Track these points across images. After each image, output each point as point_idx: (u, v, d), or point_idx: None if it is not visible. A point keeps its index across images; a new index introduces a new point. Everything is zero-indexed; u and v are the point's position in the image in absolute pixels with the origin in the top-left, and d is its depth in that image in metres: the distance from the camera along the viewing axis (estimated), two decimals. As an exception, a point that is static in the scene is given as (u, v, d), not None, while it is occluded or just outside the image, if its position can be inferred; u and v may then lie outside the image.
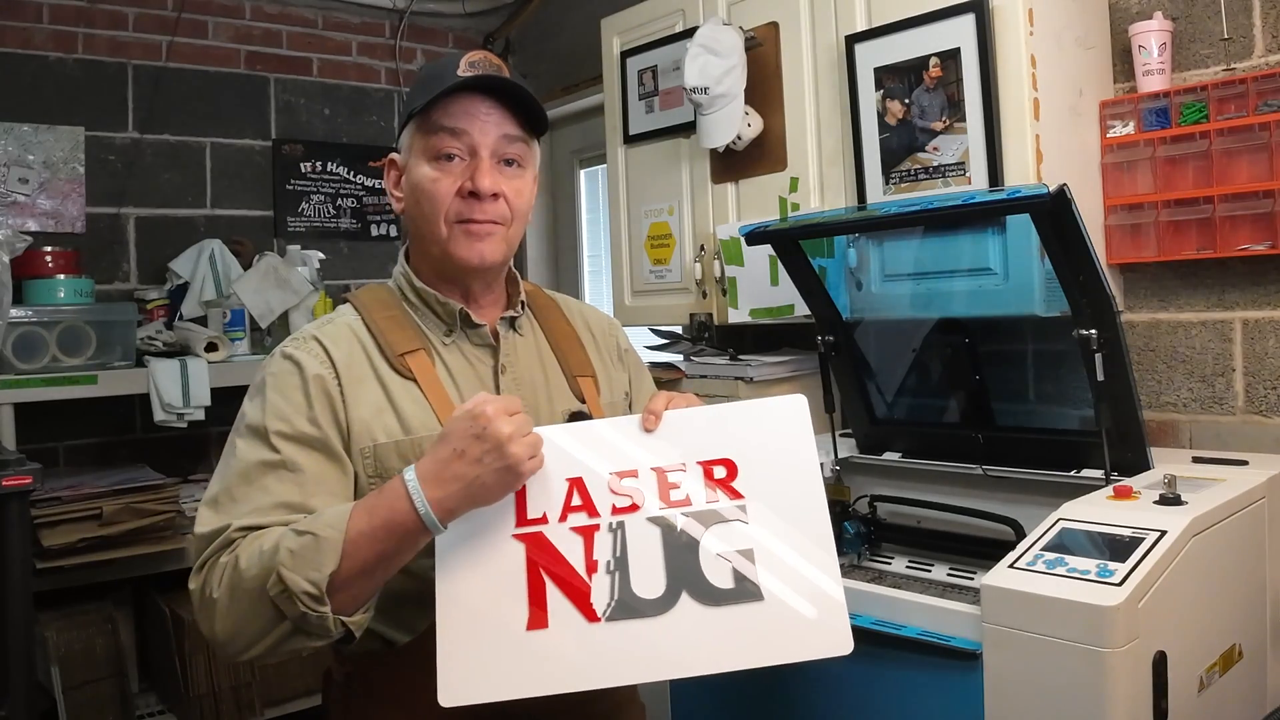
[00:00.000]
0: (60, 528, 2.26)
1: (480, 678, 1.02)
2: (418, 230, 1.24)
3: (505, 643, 1.04)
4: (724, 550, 1.09)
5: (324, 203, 3.35)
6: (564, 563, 1.07)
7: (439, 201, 1.20)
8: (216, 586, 1.05)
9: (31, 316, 2.42)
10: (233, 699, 2.46)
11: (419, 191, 1.21)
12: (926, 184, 1.86)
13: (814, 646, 1.06)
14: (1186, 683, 1.27)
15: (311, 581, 1.00)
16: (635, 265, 2.55)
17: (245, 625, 1.04)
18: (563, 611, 1.05)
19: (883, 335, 1.99)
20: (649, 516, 1.10)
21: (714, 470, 1.13)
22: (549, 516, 1.09)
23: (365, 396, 1.17)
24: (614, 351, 1.41)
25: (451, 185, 1.19)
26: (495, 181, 1.20)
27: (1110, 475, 1.56)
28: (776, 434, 1.15)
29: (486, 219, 1.20)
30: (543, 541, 1.08)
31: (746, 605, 1.06)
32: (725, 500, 1.11)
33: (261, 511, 1.09)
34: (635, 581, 1.07)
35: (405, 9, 3.44)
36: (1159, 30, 1.79)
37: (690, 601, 1.06)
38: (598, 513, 1.10)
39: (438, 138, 1.19)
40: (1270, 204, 1.64)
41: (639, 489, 1.11)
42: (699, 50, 2.10)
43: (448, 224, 1.20)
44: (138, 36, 3.00)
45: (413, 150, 1.23)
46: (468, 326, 1.25)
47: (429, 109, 1.19)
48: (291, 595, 1.00)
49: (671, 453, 1.13)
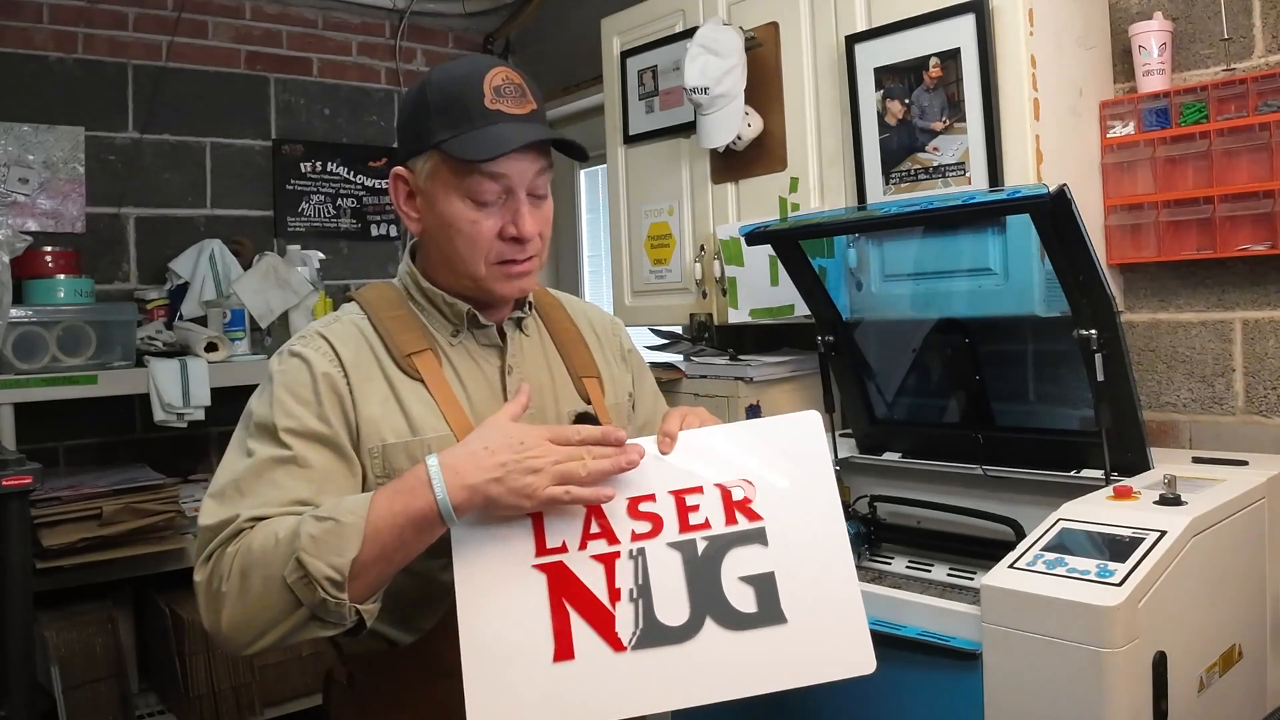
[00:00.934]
0: (60, 528, 2.26)
1: (510, 713, 1.02)
2: (449, 261, 1.21)
3: (533, 676, 1.03)
4: (746, 574, 1.09)
5: (324, 203, 3.35)
6: (587, 592, 1.07)
7: (480, 243, 1.17)
8: (226, 576, 1.04)
9: (31, 316, 2.42)
10: (233, 699, 2.46)
11: (454, 230, 1.17)
12: (926, 184, 1.86)
13: (838, 667, 1.07)
14: (1186, 683, 1.27)
15: (334, 567, 1.00)
16: (635, 265, 2.55)
17: (257, 614, 1.03)
18: (588, 642, 1.05)
19: (883, 335, 1.99)
20: (669, 542, 1.10)
21: (732, 492, 1.13)
22: (569, 545, 1.09)
23: (374, 395, 1.17)
24: (617, 352, 1.41)
25: (493, 228, 1.16)
26: (536, 223, 1.18)
27: (1110, 475, 1.56)
28: (792, 452, 1.15)
29: (527, 257, 1.19)
30: (564, 571, 1.08)
31: (770, 629, 1.07)
32: (744, 523, 1.11)
33: (271, 505, 1.08)
34: (659, 608, 1.07)
35: (405, 9, 3.44)
36: (1159, 30, 1.79)
37: (715, 627, 1.06)
38: (618, 539, 1.09)
39: (474, 180, 1.14)
40: (1270, 204, 1.64)
41: (657, 513, 1.11)
42: (699, 50, 2.10)
43: (488, 265, 1.18)
44: (138, 36, 3.00)
45: (437, 180, 1.17)
46: (474, 327, 1.25)
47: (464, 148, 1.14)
48: (312, 581, 0.99)
49: (688, 475, 1.13)
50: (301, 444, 1.12)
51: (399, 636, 1.17)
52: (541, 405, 1.26)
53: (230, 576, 1.04)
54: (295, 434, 1.12)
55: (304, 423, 1.13)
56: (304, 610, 1.01)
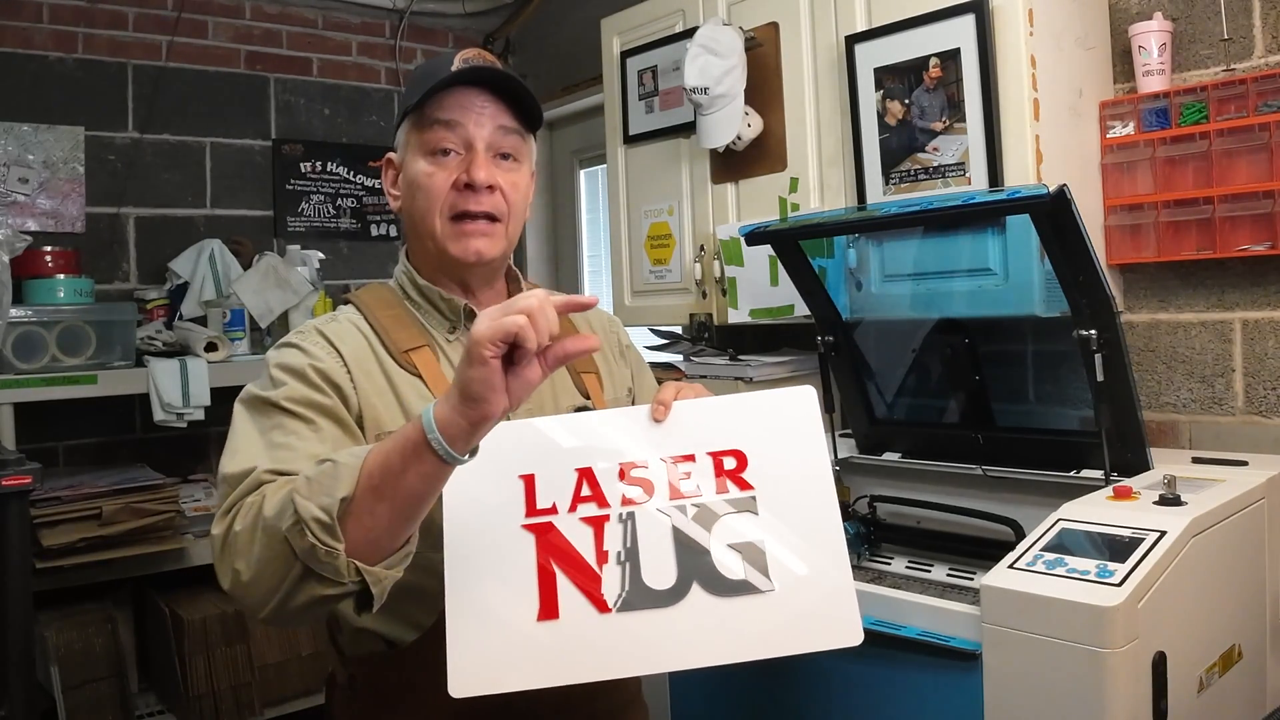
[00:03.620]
0: (60, 527, 2.26)
1: (491, 669, 1.02)
2: (414, 226, 1.24)
3: (516, 634, 1.03)
4: (734, 541, 1.08)
5: (324, 203, 3.35)
6: (574, 553, 1.07)
7: (434, 195, 1.20)
8: (239, 528, 1.00)
9: (31, 316, 2.42)
10: (232, 699, 2.46)
11: (414, 186, 1.21)
12: (926, 184, 1.86)
13: (825, 637, 1.06)
14: (1186, 683, 1.27)
15: (322, 508, 0.94)
16: (635, 265, 2.55)
17: (263, 568, 0.98)
18: (573, 602, 1.04)
19: (882, 335, 1.99)
20: (659, 507, 1.10)
21: (724, 461, 1.12)
22: (559, 507, 1.09)
23: (374, 387, 1.17)
24: (615, 348, 1.42)
25: (447, 179, 1.19)
26: (491, 174, 1.19)
27: (1110, 476, 1.56)
28: (786, 426, 1.15)
29: (482, 210, 1.20)
30: (553, 532, 1.08)
31: (757, 596, 1.06)
32: (735, 491, 1.11)
33: (290, 462, 1.06)
34: (646, 572, 1.06)
35: (405, 9, 3.44)
36: (1159, 31, 1.79)
37: (701, 592, 1.06)
38: (608, 503, 1.09)
39: (432, 132, 1.19)
40: (1270, 204, 1.64)
41: (649, 479, 1.11)
42: (699, 50, 2.10)
43: (443, 219, 1.20)
44: (138, 36, 3.00)
45: (408, 146, 1.23)
46: (471, 322, 1.25)
47: (423, 104, 1.19)
48: (302, 525, 0.94)
49: (681, 443, 1.13)
50: (307, 410, 1.12)
51: (400, 636, 1.17)
52: (540, 401, 1.26)
53: (242, 528, 1.00)
54: (298, 402, 1.12)
55: (305, 395, 1.12)
56: (299, 563, 0.95)
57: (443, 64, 1.20)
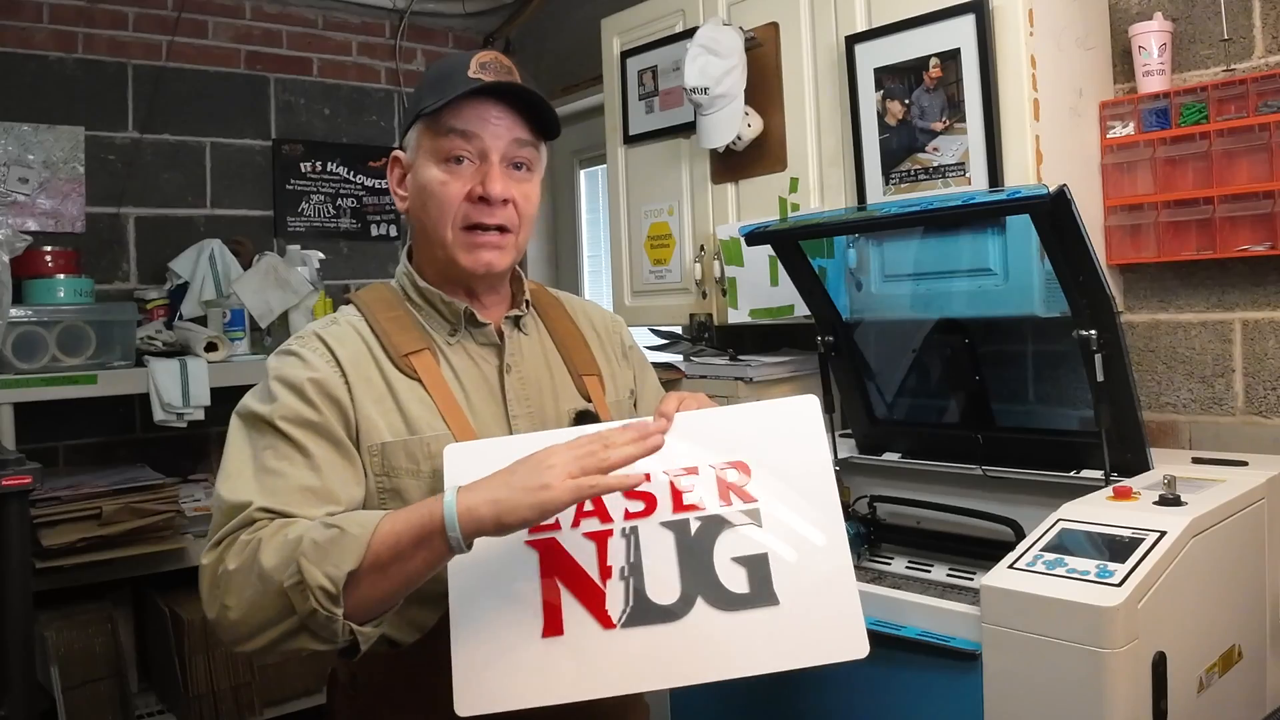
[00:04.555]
0: (60, 527, 2.26)
1: (497, 687, 1.02)
2: (423, 231, 1.24)
3: (521, 651, 1.03)
4: (739, 555, 1.08)
5: (324, 203, 3.35)
6: (578, 569, 1.06)
7: (447, 205, 1.19)
8: (231, 566, 1.03)
9: (31, 316, 2.42)
10: (232, 699, 2.46)
11: (426, 193, 1.20)
12: (926, 184, 1.86)
13: (830, 650, 1.06)
14: (1186, 683, 1.27)
15: (330, 577, 0.98)
16: (635, 265, 2.55)
17: (251, 613, 1.01)
18: (578, 618, 1.05)
19: (882, 336, 1.99)
20: (662, 521, 1.09)
21: (727, 474, 1.12)
22: (561, 522, 1.08)
23: (372, 394, 1.17)
24: (618, 349, 1.41)
25: (461, 189, 1.19)
26: (506, 187, 1.19)
27: (1110, 476, 1.56)
28: (789, 436, 1.15)
29: (495, 223, 1.19)
30: (556, 548, 1.07)
31: (762, 610, 1.06)
32: (739, 504, 1.11)
33: (282, 494, 1.07)
34: (650, 587, 1.06)
35: (405, 9, 3.44)
36: (1159, 31, 1.79)
37: (705, 607, 1.06)
38: (611, 518, 1.09)
39: (448, 140, 1.18)
40: (1270, 205, 1.64)
41: (652, 493, 1.10)
42: (699, 50, 2.10)
43: (454, 229, 1.20)
44: (138, 36, 3.00)
45: (420, 150, 1.22)
46: (472, 326, 1.25)
47: (440, 110, 1.18)
48: (306, 589, 0.98)
49: (684, 456, 1.13)
50: (300, 433, 1.12)
51: (402, 636, 1.17)
52: (541, 404, 1.26)
53: (236, 567, 1.03)
54: (291, 423, 1.12)
55: (300, 413, 1.13)
56: (295, 618, 1.00)
57: (459, 67, 1.19)
